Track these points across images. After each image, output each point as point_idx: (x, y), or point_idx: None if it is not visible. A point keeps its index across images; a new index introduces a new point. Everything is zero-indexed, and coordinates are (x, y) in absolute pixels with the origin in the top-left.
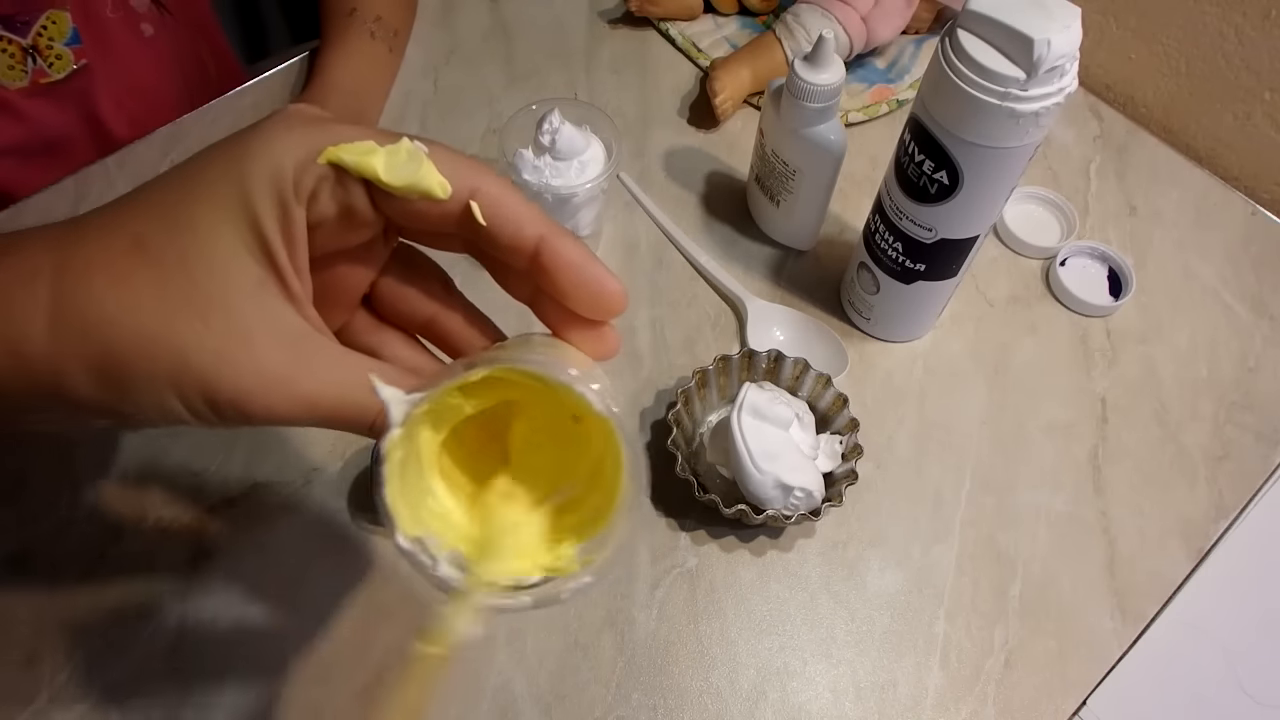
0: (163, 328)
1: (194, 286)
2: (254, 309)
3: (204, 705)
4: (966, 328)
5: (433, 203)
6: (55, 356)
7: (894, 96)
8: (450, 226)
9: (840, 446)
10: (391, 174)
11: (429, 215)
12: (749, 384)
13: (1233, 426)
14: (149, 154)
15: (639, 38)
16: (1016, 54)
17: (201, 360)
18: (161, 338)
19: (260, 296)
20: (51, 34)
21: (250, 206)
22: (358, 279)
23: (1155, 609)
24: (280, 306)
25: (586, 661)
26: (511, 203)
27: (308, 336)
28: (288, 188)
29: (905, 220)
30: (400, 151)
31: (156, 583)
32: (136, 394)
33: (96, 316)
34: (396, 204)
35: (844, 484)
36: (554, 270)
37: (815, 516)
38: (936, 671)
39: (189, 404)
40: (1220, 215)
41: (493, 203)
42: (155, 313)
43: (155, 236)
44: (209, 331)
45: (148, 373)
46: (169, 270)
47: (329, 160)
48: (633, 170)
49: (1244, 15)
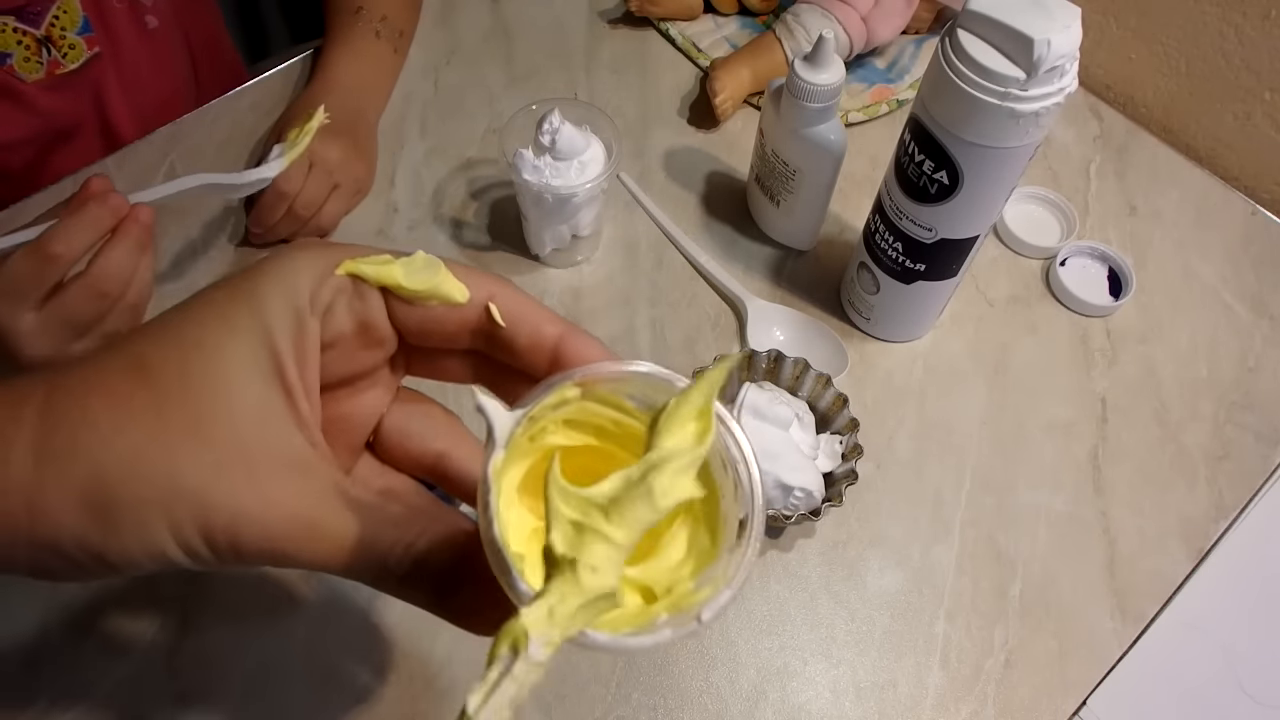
0: (157, 446)
1: (194, 405)
2: (257, 429)
3: (205, 705)
4: (966, 328)
5: (451, 308)
6: (36, 485)
7: (894, 96)
8: (466, 337)
9: (840, 447)
10: (411, 280)
11: (447, 323)
12: (749, 384)
13: (1233, 426)
14: (149, 154)
15: (639, 38)
16: (1016, 54)
17: (196, 481)
18: (155, 457)
19: (265, 417)
20: (64, 24)
21: (263, 322)
22: (365, 414)
23: (1155, 609)
24: (287, 429)
25: (586, 661)
26: (529, 305)
27: (315, 463)
28: (303, 302)
29: (905, 220)
30: (417, 260)
31: (157, 583)
32: (123, 525)
33: (87, 438)
34: (415, 314)
35: (844, 484)
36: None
37: (815, 516)
38: (936, 671)
39: (179, 534)
40: (1220, 215)
41: (511, 305)
42: (150, 431)
43: (158, 356)
44: (206, 450)
45: (137, 498)
46: (169, 388)
47: (348, 272)
48: (633, 170)
49: (1244, 15)
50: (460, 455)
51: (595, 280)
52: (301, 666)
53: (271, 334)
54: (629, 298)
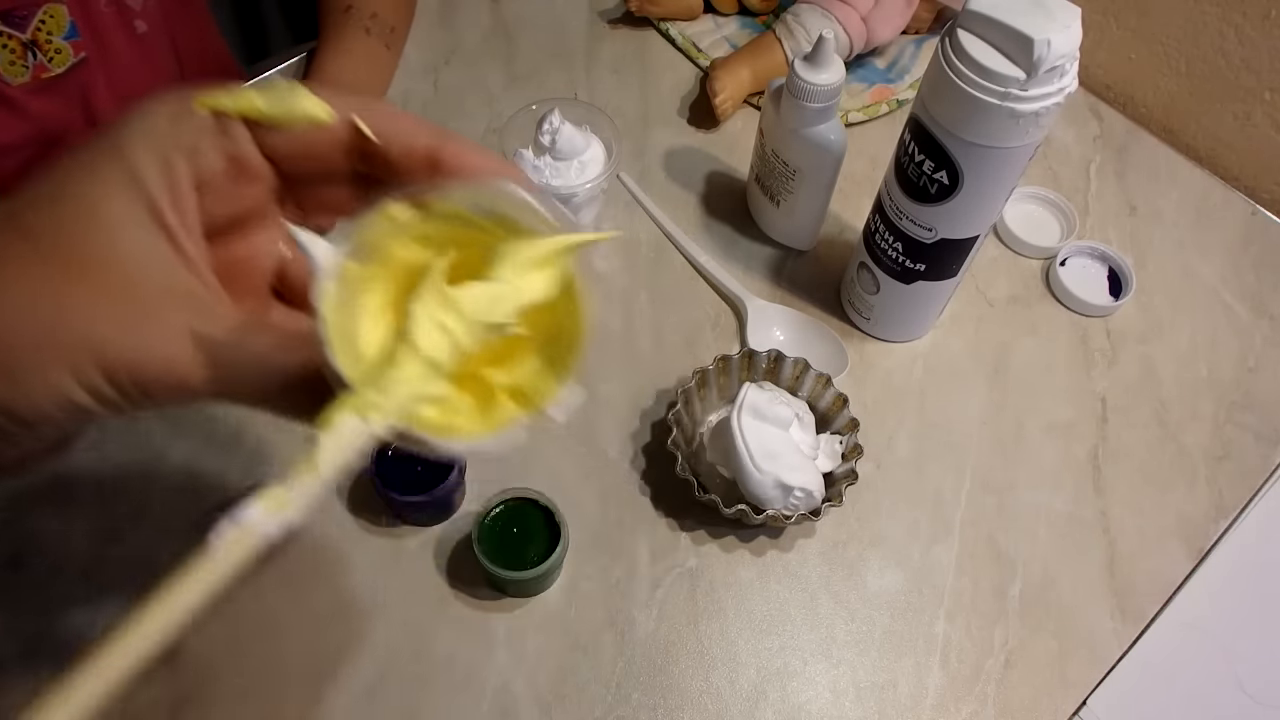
0: (47, 296)
1: (79, 253)
2: (142, 270)
3: (205, 705)
4: (966, 328)
5: (319, 130)
6: None
7: (894, 96)
8: (340, 158)
9: (840, 447)
10: (272, 106)
11: (317, 145)
12: (749, 384)
13: (1233, 426)
14: None
15: (639, 38)
16: (1016, 54)
17: (90, 323)
18: (49, 311)
19: (149, 258)
20: (50, 28)
21: (130, 169)
22: (262, 256)
23: (1155, 609)
24: (172, 267)
25: (586, 661)
26: (402, 118)
27: (205, 297)
28: (167, 144)
29: (905, 220)
30: (277, 87)
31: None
32: (24, 376)
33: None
34: (283, 141)
35: (844, 484)
36: (459, 172)
37: (815, 516)
38: (936, 671)
39: (81, 377)
40: (1220, 215)
41: (381, 120)
42: (38, 283)
43: (34, 214)
44: (97, 294)
45: (34, 346)
46: (52, 242)
47: (206, 107)
48: (633, 170)
49: (1244, 15)
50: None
51: (595, 280)
52: (302, 667)
53: (142, 180)
54: (629, 298)
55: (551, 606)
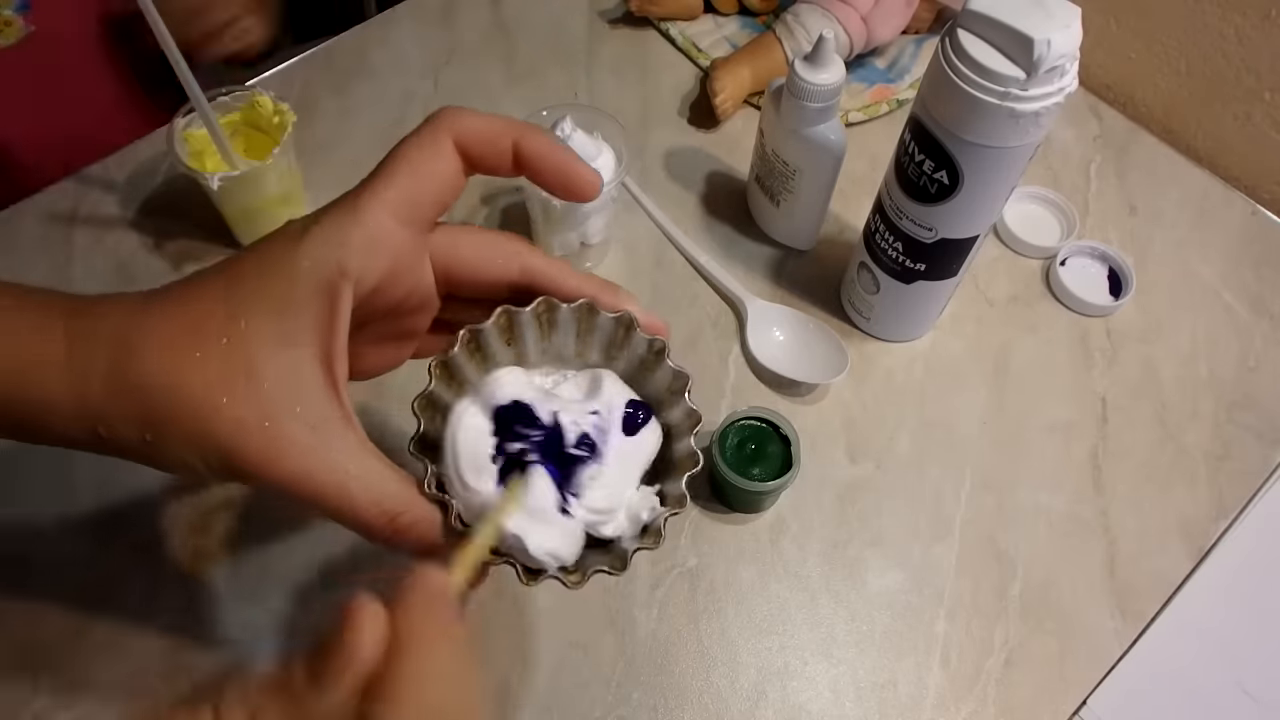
0: (195, 399)
1: (231, 366)
2: (283, 389)
3: None
4: (966, 328)
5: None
6: (107, 407)
7: (894, 96)
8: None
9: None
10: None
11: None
12: (509, 369)
13: (1233, 426)
14: (149, 154)
15: (639, 38)
16: (1016, 54)
17: (222, 429)
18: (193, 408)
19: (293, 379)
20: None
21: (295, 296)
22: (423, 317)
23: (1155, 609)
24: (311, 389)
25: (586, 661)
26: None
27: (332, 423)
28: (339, 274)
29: (905, 220)
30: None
31: (158, 582)
32: (166, 447)
33: (140, 381)
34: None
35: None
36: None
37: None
38: (936, 671)
39: (208, 463)
40: (1220, 215)
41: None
42: (194, 387)
43: (209, 321)
44: (235, 404)
45: (176, 432)
46: (212, 352)
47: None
48: (633, 170)
49: (1244, 15)
50: (536, 263)
51: None
52: None
53: (304, 309)
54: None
55: (551, 606)
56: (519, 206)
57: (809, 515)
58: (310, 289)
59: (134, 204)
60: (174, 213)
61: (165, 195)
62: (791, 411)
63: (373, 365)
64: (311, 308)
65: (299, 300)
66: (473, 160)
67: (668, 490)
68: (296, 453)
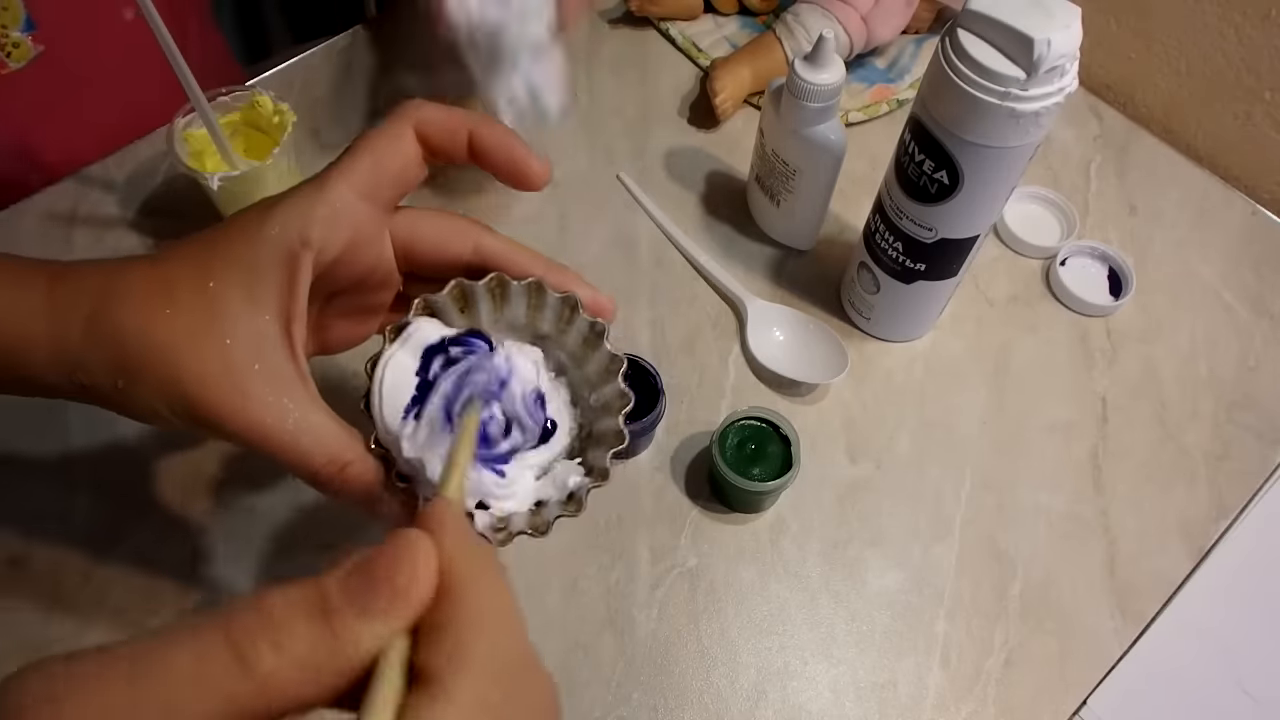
0: (165, 349)
1: (199, 321)
2: (245, 346)
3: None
4: (966, 328)
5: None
6: (84, 353)
7: (894, 96)
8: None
9: (577, 476)
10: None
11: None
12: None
13: (1233, 426)
14: (149, 154)
15: (639, 38)
16: (1016, 54)
17: (188, 379)
18: (162, 357)
19: (254, 337)
20: (4, 21)
21: (260, 262)
22: (386, 293)
23: (1155, 609)
24: (271, 348)
25: (586, 661)
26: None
27: (288, 379)
28: (299, 243)
29: (905, 220)
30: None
31: (158, 582)
32: (136, 393)
33: (120, 335)
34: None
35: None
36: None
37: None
38: (936, 671)
39: (174, 411)
40: (1220, 215)
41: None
42: (164, 337)
43: (182, 280)
44: (200, 357)
45: (146, 379)
46: (183, 307)
47: None
48: (633, 170)
49: (1244, 15)
50: (491, 243)
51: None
52: None
53: (265, 275)
54: (629, 297)
55: (551, 606)
56: None
57: (809, 515)
58: (275, 256)
59: (134, 204)
60: (174, 213)
61: (165, 195)
62: (791, 411)
63: (340, 338)
64: (275, 273)
65: (264, 266)
66: (431, 147)
67: (594, 463)
68: (255, 405)
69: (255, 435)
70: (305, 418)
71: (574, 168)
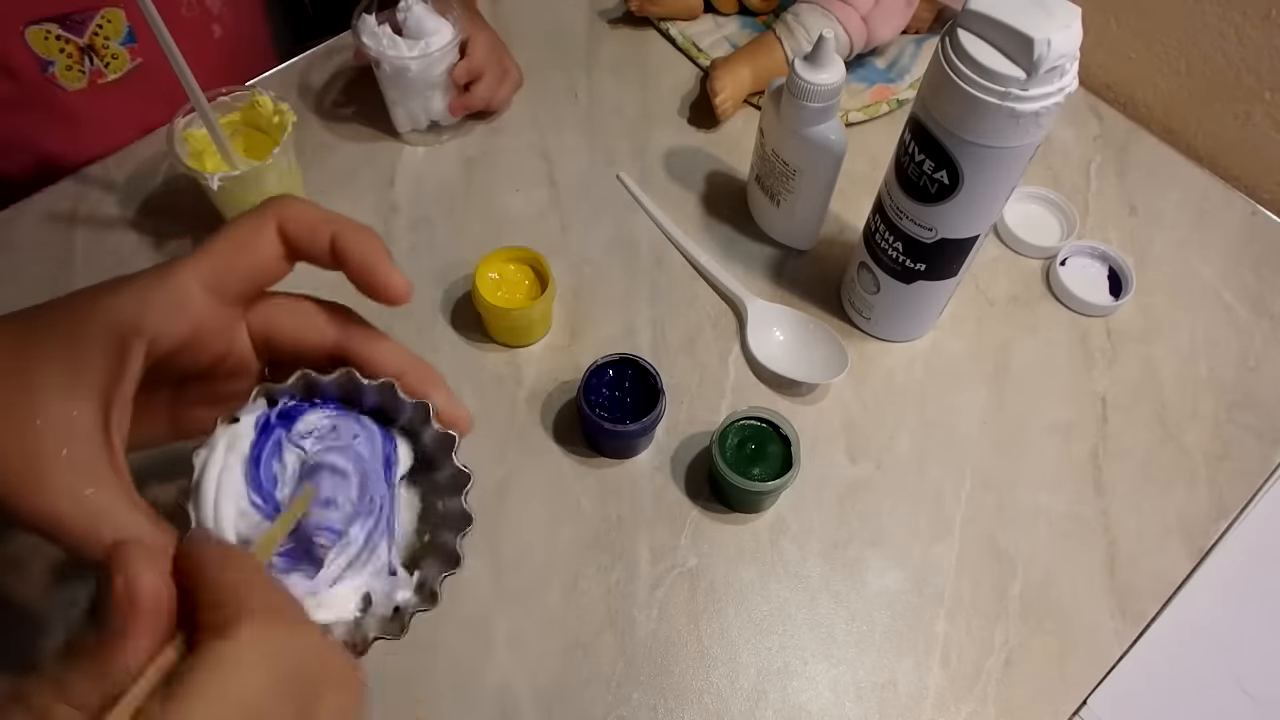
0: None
1: (11, 398)
2: (53, 432)
3: None
4: (966, 328)
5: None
6: None
7: (894, 96)
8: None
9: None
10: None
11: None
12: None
13: (1233, 426)
14: (149, 154)
15: (639, 38)
16: (1016, 54)
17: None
18: None
19: (65, 423)
20: (107, 33)
21: (83, 348)
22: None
23: (1155, 609)
24: (82, 435)
25: (586, 661)
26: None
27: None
28: (128, 330)
29: (905, 220)
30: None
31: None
32: None
33: None
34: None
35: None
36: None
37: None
38: (936, 671)
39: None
40: (1220, 215)
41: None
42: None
43: (1, 354)
44: (2, 439)
45: None
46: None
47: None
48: (633, 170)
49: (1244, 15)
50: (355, 336)
51: (595, 279)
52: None
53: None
54: (629, 298)
55: (551, 606)
56: None
57: (809, 515)
58: (102, 340)
59: (134, 204)
60: (174, 213)
61: (165, 195)
62: (791, 411)
63: (197, 422)
64: (100, 358)
65: (89, 349)
66: (293, 246)
67: (426, 579)
68: (49, 492)
69: (48, 524)
70: (108, 507)
71: (574, 168)
